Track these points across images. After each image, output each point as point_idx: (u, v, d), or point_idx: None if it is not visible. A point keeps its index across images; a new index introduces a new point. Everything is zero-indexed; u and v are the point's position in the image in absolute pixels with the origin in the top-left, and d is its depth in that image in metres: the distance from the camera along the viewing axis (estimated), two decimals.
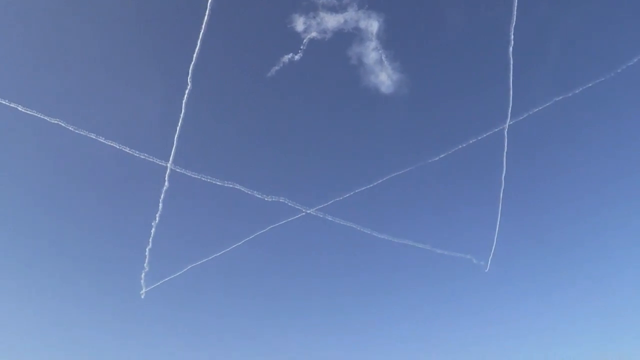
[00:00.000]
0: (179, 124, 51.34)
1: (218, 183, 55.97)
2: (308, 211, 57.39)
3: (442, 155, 54.68)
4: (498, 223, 55.66)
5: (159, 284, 57.40)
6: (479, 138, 53.63)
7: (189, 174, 53.90)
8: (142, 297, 57.08)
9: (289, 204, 57.49)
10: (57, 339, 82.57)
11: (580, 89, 51.28)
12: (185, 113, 50.55)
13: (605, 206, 67.31)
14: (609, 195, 67.34)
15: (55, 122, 51.53)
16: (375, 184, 55.88)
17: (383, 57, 53.59)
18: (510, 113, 51.28)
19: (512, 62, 51.04)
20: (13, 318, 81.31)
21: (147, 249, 55.57)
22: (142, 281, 60.14)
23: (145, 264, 55.65)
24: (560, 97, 51.27)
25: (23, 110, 48.72)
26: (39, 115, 50.53)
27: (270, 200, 56.49)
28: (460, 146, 54.21)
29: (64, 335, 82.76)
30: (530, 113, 51.71)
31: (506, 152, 54.15)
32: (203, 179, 55.24)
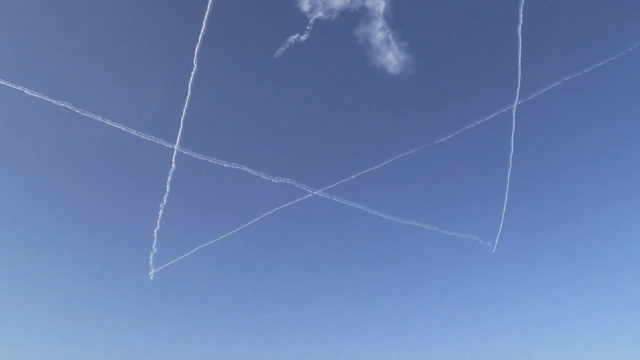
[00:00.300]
0: (185, 106, 51.14)
1: (225, 165, 55.88)
2: (315, 192, 57.41)
3: (449, 136, 54.34)
4: (505, 204, 55.54)
5: (167, 265, 57.88)
6: (487, 119, 53.18)
7: (195, 156, 53.92)
8: (151, 278, 57.53)
9: (296, 185, 57.38)
10: (68, 319, 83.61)
11: (590, 68, 50.51)
12: (191, 95, 50.25)
13: (615, 188, 66.85)
14: (619, 177, 66.80)
15: (62, 104, 51.52)
16: (382, 165, 55.77)
17: (390, 37, 52.94)
18: (519, 93, 50.62)
19: (520, 41, 50.25)
20: (26, 300, 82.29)
21: (155, 231, 55.84)
22: (150, 262, 60.69)
23: (153, 246, 56.06)
24: (570, 77, 50.57)
25: (29, 93, 48.70)
26: (45, 98, 50.53)
27: (277, 181, 56.50)
28: (467, 127, 53.79)
29: (74, 315, 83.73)
30: (539, 93, 51.06)
31: (514, 133, 53.64)
32: (210, 160, 55.26)
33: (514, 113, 52.12)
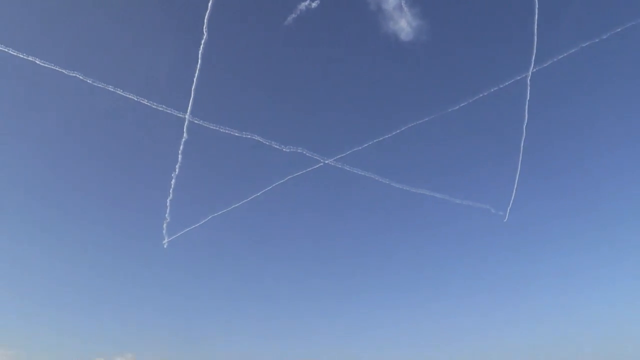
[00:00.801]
0: (196, 75, 50.83)
1: (236, 134, 55.79)
2: (326, 161, 57.35)
3: (462, 104, 53.53)
4: (518, 173, 55.10)
5: (180, 234, 58.68)
6: (501, 86, 52.23)
7: (207, 125, 53.84)
8: (165, 246, 58.46)
9: (307, 154, 57.23)
10: (85, 287, 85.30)
11: (608, 34, 49.07)
12: (201, 64, 49.84)
13: (632, 158, 65.89)
14: (637, 147, 65.74)
15: (73, 75, 51.50)
16: (393, 133, 55.37)
17: (402, 3, 51.79)
18: (534, 60, 49.45)
19: (537, 5, 48.80)
20: (45, 270, 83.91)
21: (168, 200, 56.38)
22: (164, 231, 61.54)
23: (166, 215, 56.74)
24: (587, 43, 49.22)
25: (40, 64, 48.67)
26: (56, 69, 50.52)
27: (288, 150, 56.40)
28: (481, 95, 52.92)
29: (92, 284, 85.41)
30: (555, 60, 49.86)
31: (528, 101, 52.70)
32: (221, 130, 55.24)
33: (528, 80, 50.98)
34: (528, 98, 52.67)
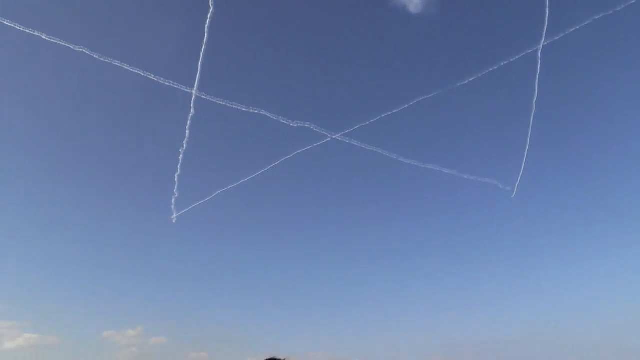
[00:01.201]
0: (203, 50, 50.39)
1: (243, 109, 55.60)
2: (333, 136, 57.20)
3: (471, 79, 52.82)
4: (527, 148, 54.71)
5: (188, 209, 59.15)
6: (511, 60, 51.35)
7: (214, 101, 53.62)
8: (174, 221, 59.05)
9: (315, 129, 57.01)
10: (96, 262, 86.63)
11: (623, 5, 47.88)
12: (208, 38, 49.41)
13: None
14: None
15: (79, 50, 51.30)
16: (401, 108, 54.94)
17: None
18: (545, 33, 48.50)
19: None
20: (56, 244, 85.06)
21: (176, 176, 56.62)
22: (172, 207, 62.02)
23: (175, 190, 57.09)
24: (600, 15, 48.10)
25: (46, 39, 48.43)
26: (62, 44, 50.27)
27: (295, 125, 56.20)
28: (490, 69, 52.13)
29: (103, 258, 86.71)
30: (567, 33, 48.86)
31: (539, 75, 51.89)
32: (228, 105, 55.10)
33: (539, 54, 50.12)
34: (538, 72, 51.75)
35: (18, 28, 47.55)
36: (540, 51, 50.08)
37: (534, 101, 54.34)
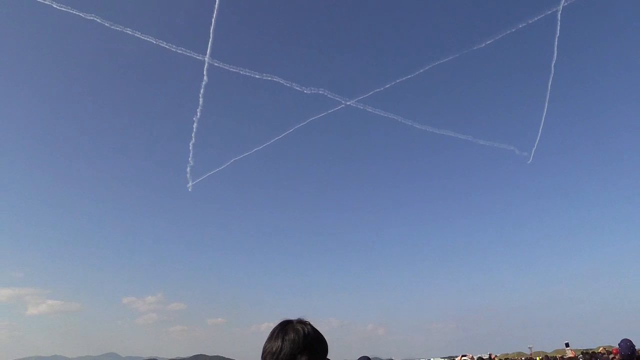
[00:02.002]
0: (214, 16, 49.93)
1: (257, 76, 55.39)
2: (348, 103, 56.42)
3: (488, 42, 51.62)
4: (545, 113, 53.75)
5: (204, 177, 59.85)
6: (529, 22, 49.92)
7: (227, 68, 53.24)
8: (190, 190, 59.90)
9: (329, 95, 56.80)
10: (114, 230, 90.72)
11: None
12: (219, 3, 48.96)
13: None
14: None
15: (91, 18, 50.82)
16: (417, 73, 54.14)
17: None
18: None
19: None
20: (75, 211, 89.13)
21: (190, 144, 57.34)
22: (188, 175, 62.54)
23: (189, 159, 57.72)
24: None
25: (57, 7, 48.06)
26: (73, 12, 49.81)
27: (309, 92, 55.67)
28: (508, 31, 50.88)
29: (121, 227, 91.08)
30: None
31: (558, 37, 50.64)
32: (241, 72, 54.37)
33: (559, 15, 48.78)
34: (558, 34, 50.26)
35: None
36: (559, 12, 48.54)
37: (553, 64, 53.13)
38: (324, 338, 1.63)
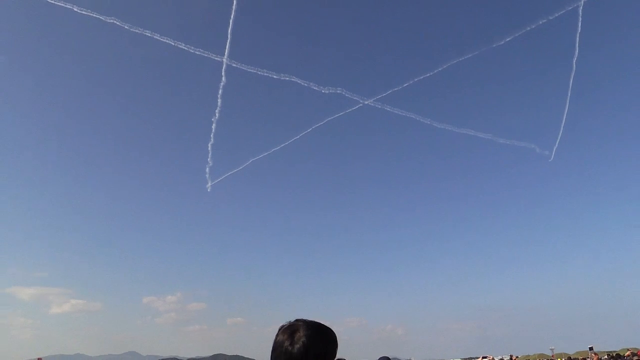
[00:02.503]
0: (232, 16, 50.12)
1: (274, 76, 55.43)
2: (366, 102, 56.15)
3: (508, 39, 50.83)
4: (566, 110, 52.70)
5: (223, 177, 60.14)
6: (550, 18, 48.94)
7: (245, 69, 53.42)
8: (209, 190, 60.26)
9: (346, 95, 56.62)
10: (135, 231, 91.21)
11: None
12: (237, 5, 49.12)
13: None
14: None
15: (111, 21, 51.51)
16: (435, 71, 53.57)
17: None
18: None
19: None
20: (103, 216, 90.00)
21: (209, 145, 57.55)
22: (207, 175, 62.80)
23: (208, 159, 58.00)
24: None
25: (78, 11, 48.84)
26: (94, 15, 50.55)
27: (327, 92, 55.54)
28: (528, 28, 49.97)
29: (142, 227, 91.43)
30: None
31: (579, 34, 49.60)
32: (259, 72, 54.53)
33: (580, 11, 47.80)
34: (579, 30, 49.27)
35: (50, 1, 48.24)
36: (581, 7, 47.55)
37: (574, 61, 52.10)
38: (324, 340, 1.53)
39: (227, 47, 56.94)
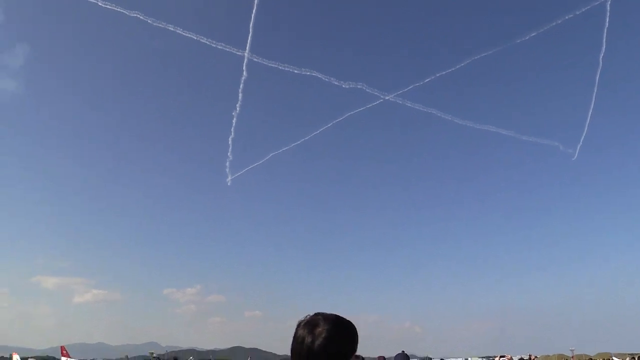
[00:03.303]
0: (254, 11, 50.34)
1: (295, 71, 55.52)
2: (387, 97, 55.89)
3: (532, 34, 49.97)
4: (592, 108, 51.66)
5: (243, 171, 60.50)
6: (577, 13, 47.97)
7: (266, 63, 53.63)
8: (229, 184, 60.71)
9: (367, 90, 56.34)
10: (156, 225, 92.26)
11: None
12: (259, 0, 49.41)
13: None
14: None
15: (134, 15, 52.18)
16: (457, 67, 53.01)
17: None
18: None
19: None
20: (124, 208, 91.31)
21: (230, 139, 57.93)
22: (227, 169, 63.31)
23: (229, 153, 58.43)
24: None
25: (102, 5, 49.58)
26: (117, 9, 51.25)
27: (347, 87, 55.43)
28: (553, 23, 49.07)
29: (162, 221, 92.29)
30: None
31: (607, 29, 48.51)
32: (280, 67, 54.67)
33: (608, 6, 46.71)
34: (607, 26, 48.14)
35: None
36: (609, 2, 46.50)
37: (601, 57, 50.98)
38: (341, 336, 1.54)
39: (248, 41, 57.37)
